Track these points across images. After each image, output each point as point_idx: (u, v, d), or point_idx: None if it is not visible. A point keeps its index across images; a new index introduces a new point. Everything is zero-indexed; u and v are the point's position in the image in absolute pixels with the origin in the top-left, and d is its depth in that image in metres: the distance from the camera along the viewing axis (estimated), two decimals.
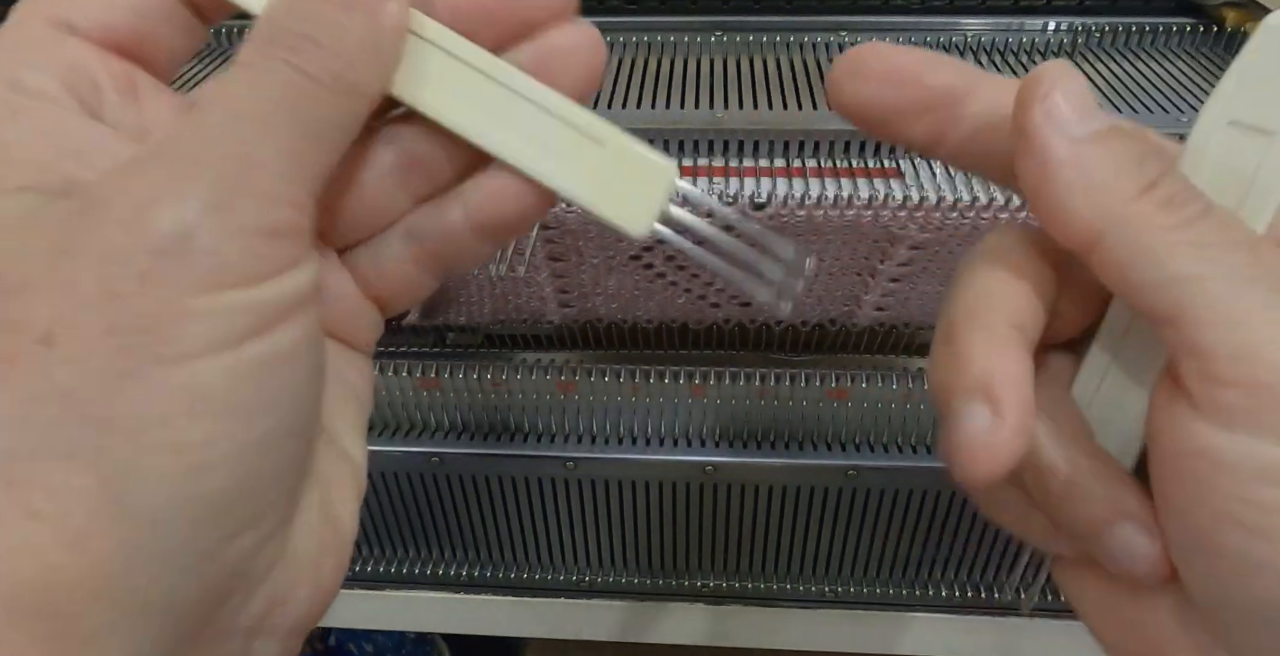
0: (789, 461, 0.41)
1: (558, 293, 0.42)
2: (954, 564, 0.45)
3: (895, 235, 0.36)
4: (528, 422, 0.42)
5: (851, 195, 0.35)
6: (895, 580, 0.46)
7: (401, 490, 0.44)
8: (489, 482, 0.43)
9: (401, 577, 0.49)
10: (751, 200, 0.36)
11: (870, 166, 0.37)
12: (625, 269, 0.40)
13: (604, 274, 0.41)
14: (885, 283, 0.40)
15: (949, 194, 0.35)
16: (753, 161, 0.38)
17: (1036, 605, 0.47)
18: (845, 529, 0.44)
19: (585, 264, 0.40)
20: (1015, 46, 0.45)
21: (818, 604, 0.48)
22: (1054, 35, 0.45)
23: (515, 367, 0.42)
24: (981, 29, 0.46)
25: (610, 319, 0.44)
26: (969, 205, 0.35)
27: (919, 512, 0.43)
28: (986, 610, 0.48)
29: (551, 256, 0.39)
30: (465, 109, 0.18)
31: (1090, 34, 0.45)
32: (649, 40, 0.46)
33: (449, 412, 0.43)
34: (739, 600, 0.49)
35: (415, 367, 0.42)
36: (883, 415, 0.41)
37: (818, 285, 0.41)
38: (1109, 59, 0.44)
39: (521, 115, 0.18)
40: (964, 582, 0.46)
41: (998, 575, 0.45)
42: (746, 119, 0.38)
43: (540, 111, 0.18)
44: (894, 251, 0.37)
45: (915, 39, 0.45)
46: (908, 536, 0.44)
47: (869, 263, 0.39)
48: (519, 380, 0.42)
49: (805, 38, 0.46)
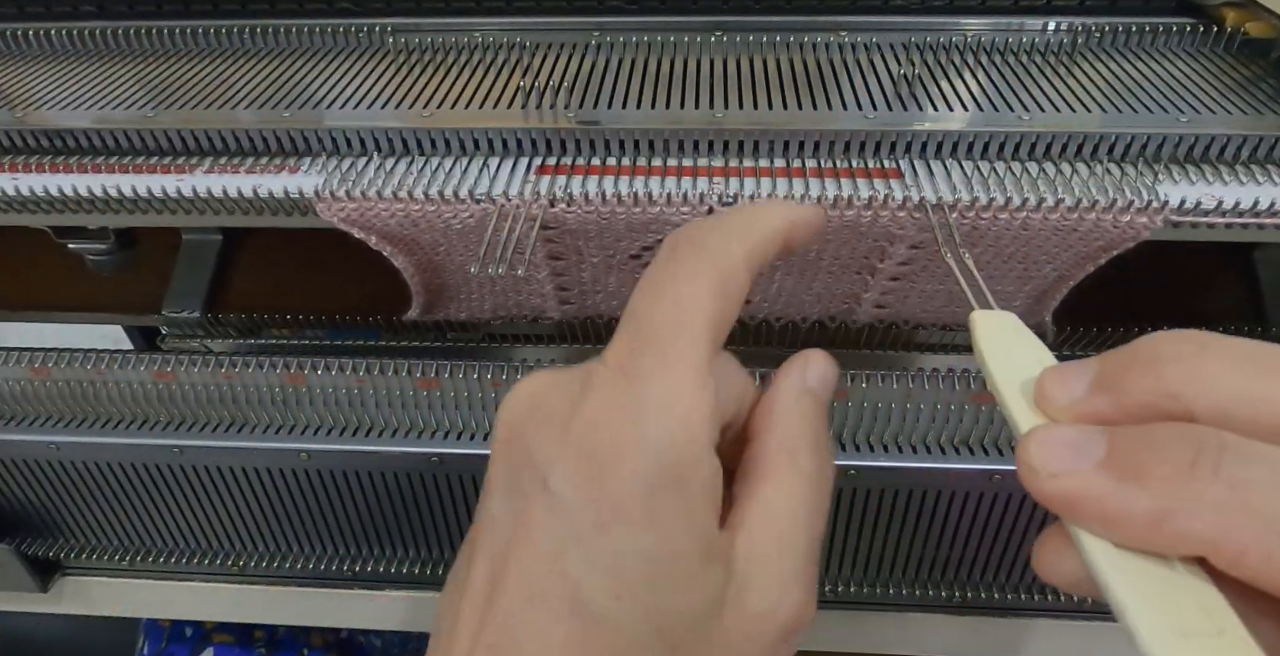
0: None
1: (558, 291, 0.42)
2: (954, 564, 0.45)
3: (895, 235, 0.36)
4: None
5: (851, 195, 0.35)
6: (895, 580, 0.46)
7: (401, 490, 0.44)
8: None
9: (402, 577, 0.49)
10: (751, 200, 0.36)
11: (870, 166, 0.37)
12: (625, 268, 0.40)
13: (604, 273, 0.41)
14: (885, 281, 0.40)
15: (949, 194, 0.35)
16: (753, 161, 0.38)
17: (1035, 605, 0.47)
18: (845, 529, 0.44)
19: (585, 263, 0.40)
20: (1015, 46, 0.45)
21: (818, 604, 0.48)
22: (1054, 35, 0.45)
23: (515, 367, 0.42)
24: (981, 29, 0.46)
25: (610, 316, 0.44)
26: (969, 205, 0.35)
27: (919, 512, 0.42)
28: (986, 610, 0.48)
29: (551, 256, 0.39)
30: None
31: (1090, 34, 0.45)
32: (649, 40, 0.46)
33: (449, 412, 0.43)
34: None
35: (415, 368, 0.42)
36: (883, 415, 0.41)
37: (817, 283, 0.41)
38: (1109, 59, 0.44)
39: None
40: (964, 582, 0.46)
41: (998, 575, 0.45)
42: (746, 119, 0.38)
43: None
44: (894, 251, 0.37)
45: (915, 39, 0.45)
46: (908, 536, 0.44)
47: (869, 262, 0.39)
48: (518, 380, 0.42)
49: (805, 38, 0.46)
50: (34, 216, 0.41)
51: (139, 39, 0.47)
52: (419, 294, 0.43)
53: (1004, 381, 0.23)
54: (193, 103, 0.41)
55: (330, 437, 0.43)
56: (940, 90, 0.40)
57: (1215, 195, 0.35)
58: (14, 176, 0.39)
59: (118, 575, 0.53)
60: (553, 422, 0.22)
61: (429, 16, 0.48)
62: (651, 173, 0.37)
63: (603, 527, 0.20)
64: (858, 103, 0.39)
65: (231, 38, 0.47)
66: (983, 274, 0.38)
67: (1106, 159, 0.37)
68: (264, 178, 0.38)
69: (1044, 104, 0.39)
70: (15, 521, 0.49)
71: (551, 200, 0.36)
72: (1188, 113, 0.38)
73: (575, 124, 0.38)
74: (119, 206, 0.39)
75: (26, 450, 0.44)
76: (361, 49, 0.47)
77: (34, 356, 0.44)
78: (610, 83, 0.42)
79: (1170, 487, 0.18)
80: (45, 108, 0.41)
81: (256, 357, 0.43)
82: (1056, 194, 0.35)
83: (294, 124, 0.39)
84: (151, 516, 0.48)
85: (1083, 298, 0.40)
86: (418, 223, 0.37)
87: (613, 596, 0.20)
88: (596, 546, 0.20)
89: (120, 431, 0.44)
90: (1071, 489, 0.19)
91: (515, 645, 0.20)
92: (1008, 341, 0.24)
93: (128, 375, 0.44)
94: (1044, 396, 0.21)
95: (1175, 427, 0.18)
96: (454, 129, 0.38)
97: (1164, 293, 0.49)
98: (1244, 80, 0.41)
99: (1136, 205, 0.34)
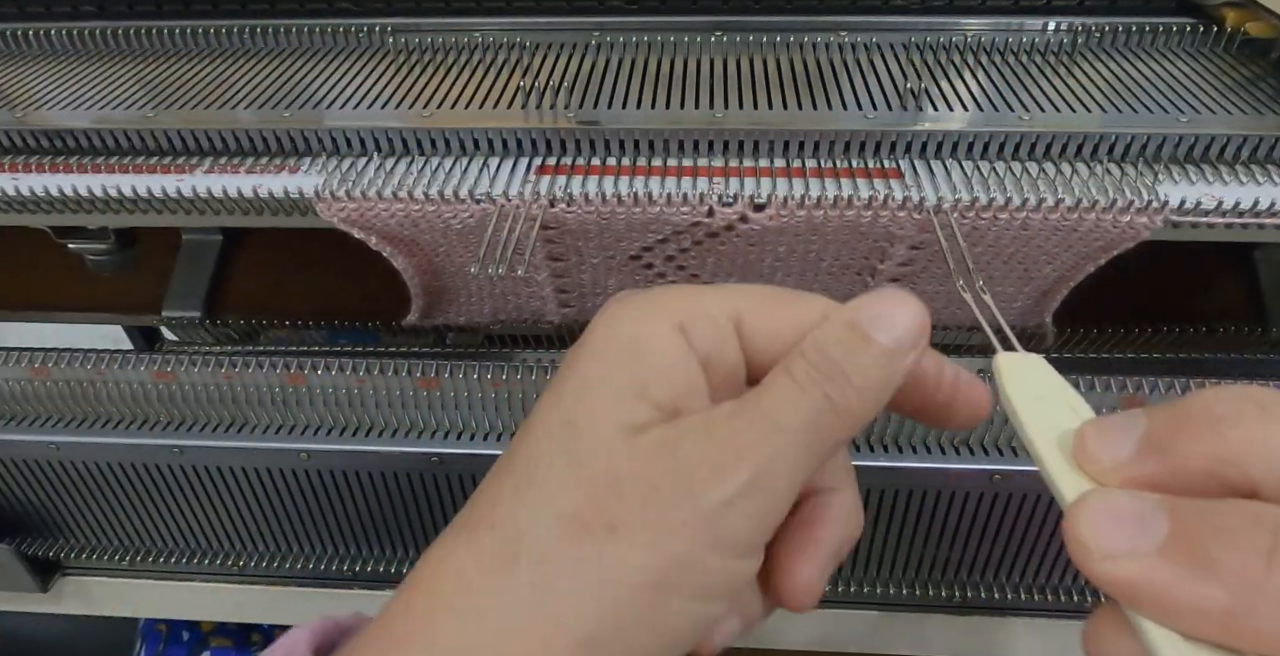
0: None
1: (557, 293, 0.42)
2: (955, 564, 0.45)
3: (895, 235, 0.36)
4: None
5: (851, 195, 0.35)
6: (897, 580, 0.46)
7: (401, 490, 0.44)
8: None
9: (402, 578, 0.49)
10: (751, 200, 0.36)
11: (870, 166, 0.37)
12: (625, 269, 0.40)
13: (604, 274, 0.41)
14: (885, 282, 0.40)
15: (949, 194, 0.35)
16: (753, 161, 0.38)
17: (1036, 605, 0.47)
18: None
19: (585, 264, 0.40)
20: (1015, 46, 0.45)
21: (818, 604, 0.48)
22: (1054, 35, 0.45)
23: (515, 367, 0.42)
24: (981, 29, 0.46)
25: None
26: (969, 205, 0.35)
27: (919, 512, 0.42)
28: (986, 610, 0.48)
29: (551, 256, 0.39)
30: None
31: (1090, 34, 0.45)
32: (649, 40, 0.46)
33: (449, 412, 0.43)
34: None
35: (415, 368, 0.42)
36: (883, 415, 0.41)
37: (817, 284, 0.41)
38: (1109, 59, 0.44)
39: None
40: (965, 582, 0.46)
41: (998, 575, 0.45)
42: (746, 119, 0.38)
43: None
44: (894, 251, 0.37)
45: (915, 39, 0.45)
46: (908, 536, 0.44)
47: (869, 262, 0.39)
48: (518, 380, 0.42)
49: (805, 38, 0.46)
50: (34, 216, 0.41)
51: (139, 39, 0.47)
52: (419, 296, 0.43)
53: (1038, 434, 0.21)
54: (193, 103, 0.41)
55: (330, 437, 0.43)
56: (940, 90, 0.40)
57: (1215, 195, 0.35)
58: (14, 176, 0.39)
59: (118, 575, 0.53)
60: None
61: (429, 16, 0.48)
62: (651, 173, 0.37)
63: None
64: (858, 103, 0.39)
65: (231, 38, 0.47)
66: (983, 274, 0.39)
67: (1106, 159, 0.37)
68: (264, 178, 0.38)
69: (1044, 104, 0.39)
70: (15, 521, 0.49)
71: (551, 200, 0.36)
72: (1188, 113, 0.38)
73: (575, 124, 0.38)
74: (119, 206, 0.39)
75: (26, 450, 0.44)
76: (361, 49, 0.47)
77: (34, 356, 0.44)
78: (610, 83, 0.42)
79: (1245, 581, 0.16)
80: (45, 108, 0.41)
81: (256, 358, 0.43)
82: (1056, 194, 0.35)
83: (294, 124, 0.39)
84: (152, 516, 0.48)
85: (1083, 298, 0.40)
86: (418, 223, 0.37)
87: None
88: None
89: (120, 431, 0.44)
90: (1134, 575, 0.17)
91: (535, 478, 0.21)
92: (1038, 387, 0.23)
93: (128, 375, 0.44)
94: (1086, 454, 0.20)
95: (1247, 509, 0.17)
96: (454, 129, 0.38)
97: (1164, 293, 0.49)
98: (1244, 80, 0.41)
99: (1136, 205, 0.34)
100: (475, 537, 0.21)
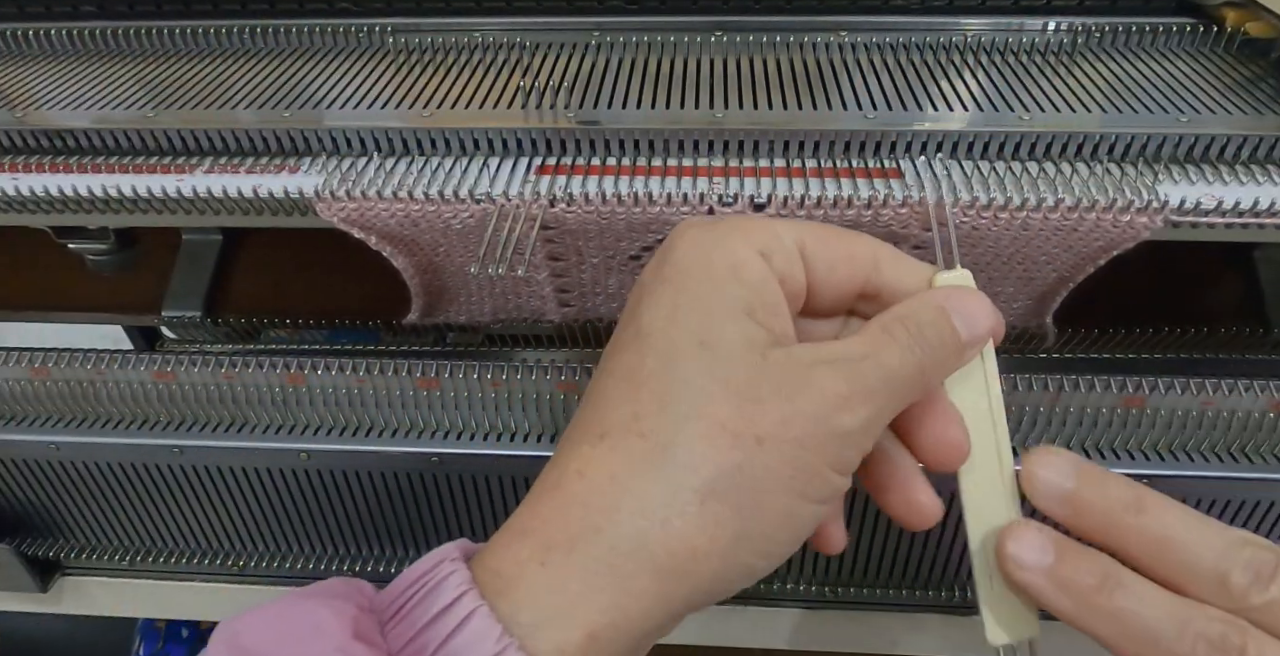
0: None
1: (557, 292, 0.42)
2: (954, 564, 0.45)
3: (896, 235, 0.36)
4: (527, 422, 0.42)
5: (851, 195, 0.35)
6: (895, 580, 0.46)
7: (401, 490, 0.44)
8: (488, 482, 0.43)
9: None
10: (751, 200, 0.36)
11: (870, 166, 0.37)
12: (625, 269, 0.40)
13: (604, 274, 0.41)
14: None
15: (949, 194, 0.35)
16: (753, 161, 0.38)
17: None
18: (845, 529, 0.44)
19: (585, 264, 0.40)
20: (1015, 46, 0.45)
21: (818, 604, 0.48)
22: (1054, 35, 0.45)
23: (515, 367, 0.42)
24: (981, 29, 0.46)
25: (610, 318, 0.44)
26: (969, 205, 0.35)
27: None
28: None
29: (551, 256, 0.39)
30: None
31: (1090, 34, 0.45)
32: (649, 40, 0.46)
33: (449, 412, 0.43)
34: (738, 599, 0.49)
35: (415, 368, 0.42)
36: None
37: None
38: (1109, 59, 0.44)
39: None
40: (964, 582, 0.46)
41: None
42: (746, 119, 0.38)
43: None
44: None
45: (915, 39, 0.45)
46: (908, 537, 0.44)
47: None
48: (519, 380, 0.42)
49: (805, 38, 0.46)
50: (34, 216, 0.41)
51: (139, 39, 0.47)
52: (419, 296, 0.43)
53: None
54: (193, 103, 0.41)
55: (330, 437, 0.43)
56: (940, 90, 0.40)
57: (1215, 195, 0.35)
58: (14, 176, 0.39)
59: (117, 575, 0.53)
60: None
61: (429, 16, 0.48)
62: (651, 173, 0.37)
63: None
64: (858, 103, 0.39)
65: (231, 38, 0.47)
66: (983, 275, 0.39)
67: (1106, 159, 0.37)
68: (264, 178, 0.38)
69: (1044, 104, 0.39)
70: (15, 521, 0.49)
71: (551, 200, 0.36)
72: (1188, 113, 0.38)
73: (575, 124, 0.38)
74: (119, 206, 0.39)
75: (26, 450, 0.44)
76: (361, 49, 0.47)
77: (34, 356, 0.44)
78: (610, 83, 0.42)
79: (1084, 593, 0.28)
80: (45, 108, 0.41)
81: (256, 357, 0.43)
82: (1056, 194, 0.35)
83: (294, 124, 0.39)
84: (151, 516, 0.48)
85: (1083, 298, 0.40)
86: (418, 223, 0.37)
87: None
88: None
89: (120, 431, 0.44)
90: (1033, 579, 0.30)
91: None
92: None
93: (128, 375, 0.44)
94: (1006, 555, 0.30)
95: (1098, 558, 0.28)
96: (454, 129, 0.38)
97: (1164, 292, 0.49)
98: (1244, 80, 0.41)
99: (1136, 205, 0.34)
100: (625, 443, 0.24)
